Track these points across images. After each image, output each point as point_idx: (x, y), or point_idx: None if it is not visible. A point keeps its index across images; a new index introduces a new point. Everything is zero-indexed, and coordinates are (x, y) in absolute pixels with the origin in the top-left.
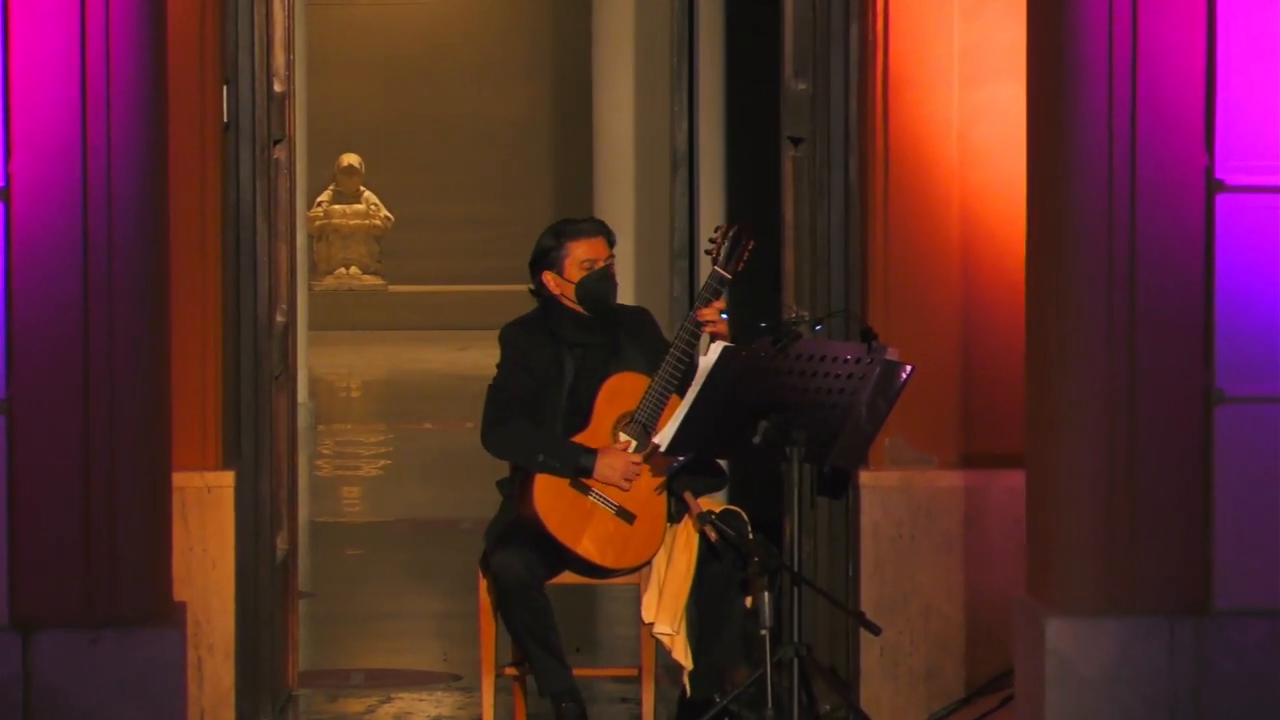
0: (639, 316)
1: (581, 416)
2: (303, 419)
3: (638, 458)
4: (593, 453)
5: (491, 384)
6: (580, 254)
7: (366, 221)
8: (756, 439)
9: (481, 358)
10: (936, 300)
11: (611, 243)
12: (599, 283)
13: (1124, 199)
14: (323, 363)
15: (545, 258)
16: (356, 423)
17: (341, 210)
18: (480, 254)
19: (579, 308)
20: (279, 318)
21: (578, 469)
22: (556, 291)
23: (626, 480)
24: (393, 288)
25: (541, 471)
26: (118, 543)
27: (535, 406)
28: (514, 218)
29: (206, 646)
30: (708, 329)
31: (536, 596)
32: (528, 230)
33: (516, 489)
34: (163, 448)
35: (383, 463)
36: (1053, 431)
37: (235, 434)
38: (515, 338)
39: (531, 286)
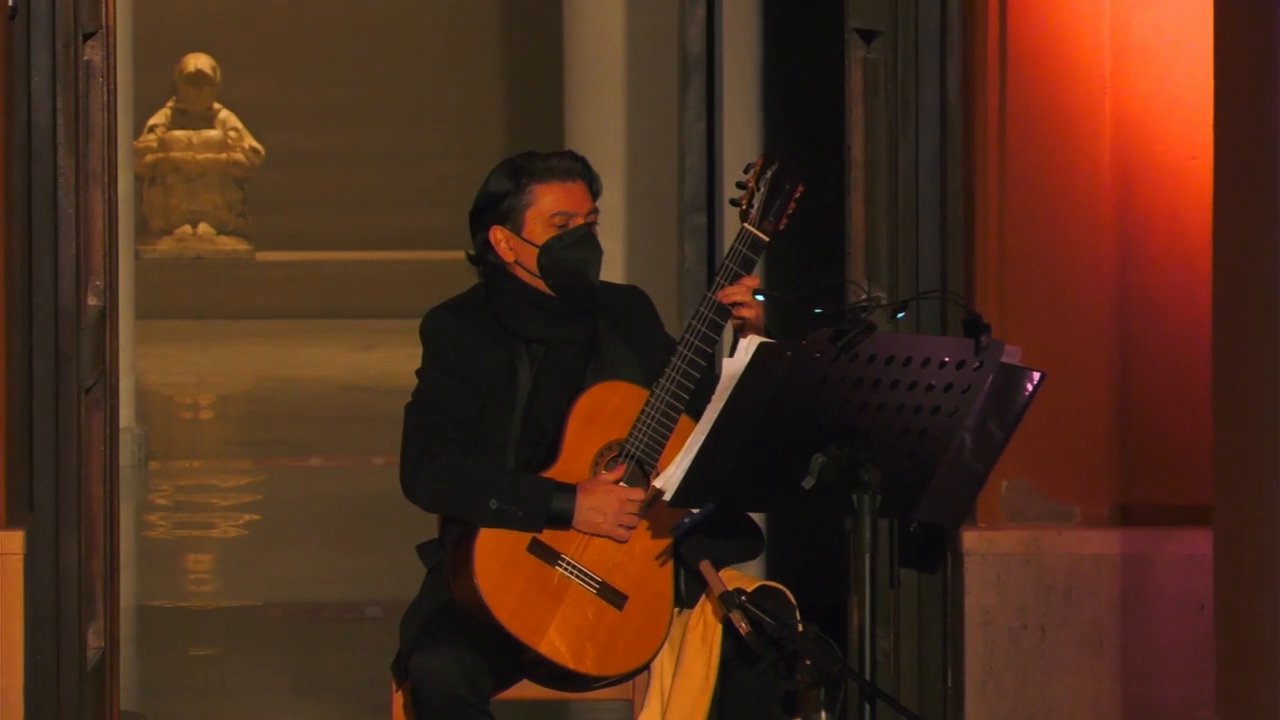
0: (630, 300)
1: (545, 448)
2: (128, 453)
3: (637, 493)
4: (570, 490)
5: (411, 402)
6: (549, 204)
7: (223, 156)
8: (808, 482)
9: (395, 360)
10: (1078, 275)
11: (595, 191)
12: (574, 248)
13: None
14: (158, 367)
15: (496, 206)
16: (208, 458)
17: (186, 139)
18: (393, 207)
19: (541, 284)
20: (91, 300)
21: (550, 516)
22: (509, 258)
23: (623, 527)
24: (262, 255)
25: (495, 524)
26: None
27: (475, 431)
28: (446, 152)
29: None
30: (736, 315)
31: (478, 718)
32: (465, 172)
33: (448, 557)
34: None
35: (247, 518)
36: (1255, 472)
37: (25, 476)
38: (445, 330)
39: (471, 251)
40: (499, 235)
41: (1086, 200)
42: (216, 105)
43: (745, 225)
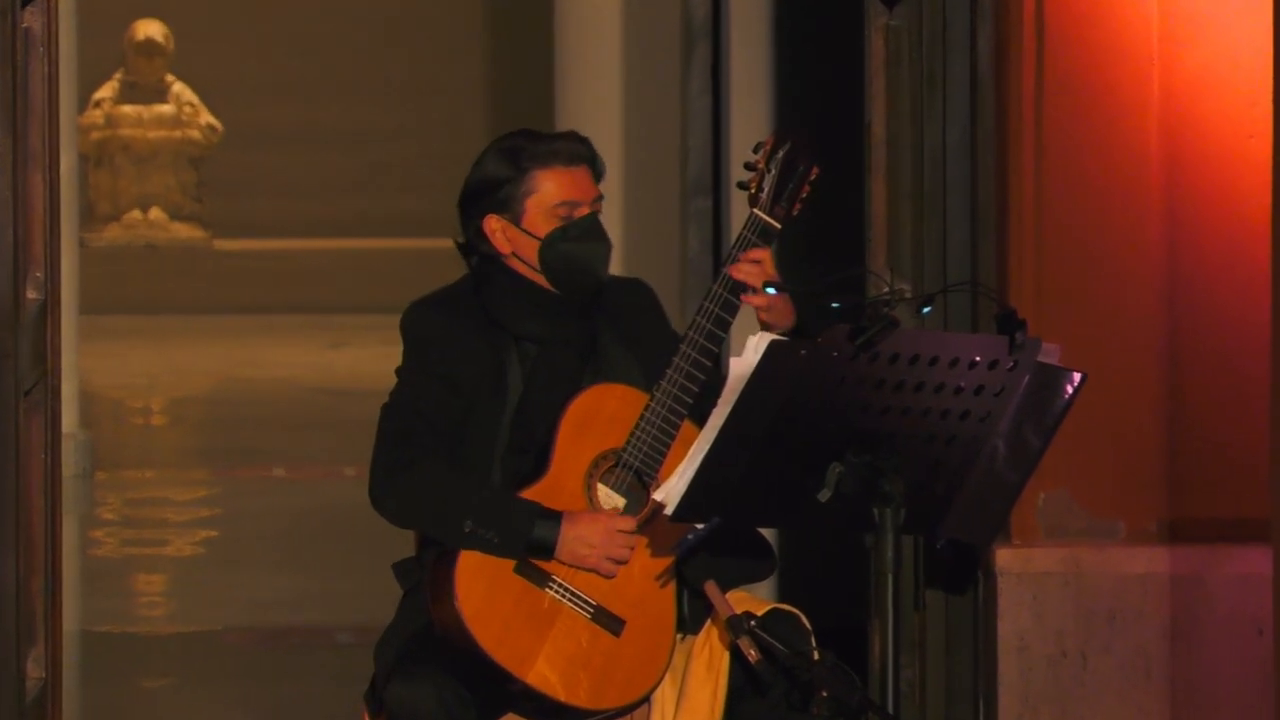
0: (633, 295)
1: (534, 457)
2: (71, 461)
3: (630, 524)
4: (555, 518)
5: (387, 403)
6: (553, 191)
7: (177, 133)
8: (825, 494)
9: (367, 359)
10: (1122, 266)
11: (599, 174)
12: (580, 242)
13: None
14: (105, 368)
15: (493, 193)
16: (160, 467)
17: (136, 114)
18: (365, 190)
19: (541, 278)
20: (30, 293)
21: (528, 544)
22: (505, 249)
23: (612, 561)
24: (220, 243)
25: (469, 547)
26: None
27: (458, 439)
28: (423, 131)
29: None
30: (744, 300)
31: None
32: (446, 152)
33: (428, 577)
34: None
35: (204, 534)
36: None
37: None
38: (428, 326)
39: (460, 239)
40: (495, 225)
41: (1132, 183)
42: (169, 77)
43: (754, 211)
